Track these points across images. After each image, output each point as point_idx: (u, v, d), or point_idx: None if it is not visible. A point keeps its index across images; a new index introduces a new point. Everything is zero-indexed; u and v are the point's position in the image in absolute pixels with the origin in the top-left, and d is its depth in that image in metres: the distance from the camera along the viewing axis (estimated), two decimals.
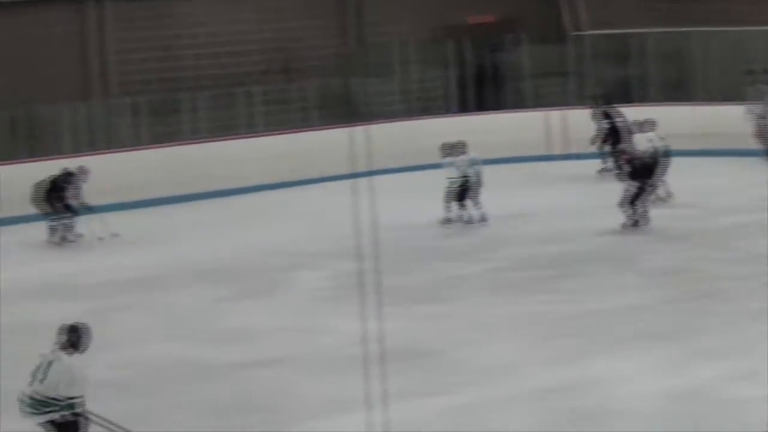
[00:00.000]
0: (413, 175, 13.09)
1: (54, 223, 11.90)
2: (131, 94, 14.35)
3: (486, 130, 14.68)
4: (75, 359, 5.96)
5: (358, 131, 6.76)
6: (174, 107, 14.09)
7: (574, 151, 14.99)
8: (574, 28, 17.02)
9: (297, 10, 16.23)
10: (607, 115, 14.32)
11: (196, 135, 13.73)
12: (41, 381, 5.89)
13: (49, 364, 5.93)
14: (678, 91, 16.30)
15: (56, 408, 5.94)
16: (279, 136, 14.36)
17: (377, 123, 12.31)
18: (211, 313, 9.51)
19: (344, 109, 13.53)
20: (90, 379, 6.11)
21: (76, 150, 13.41)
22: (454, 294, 9.64)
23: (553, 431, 6.06)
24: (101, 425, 5.99)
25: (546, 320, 8.62)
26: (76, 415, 5.95)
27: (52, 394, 5.94)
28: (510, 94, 16.89)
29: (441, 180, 12.68)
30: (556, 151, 15.30)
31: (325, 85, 15.41)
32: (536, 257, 10.78)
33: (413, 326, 8.27)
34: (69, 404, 5.90)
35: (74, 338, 6.04)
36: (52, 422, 5.94)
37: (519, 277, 10.16)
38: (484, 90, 16.95)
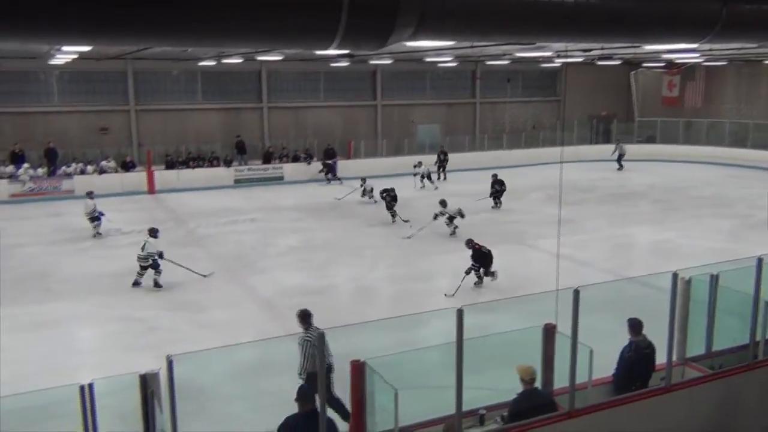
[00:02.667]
0: None
1: None
2: None
3: None
4: (152, 239, 13.40)
5: None
6: None
7: None
8: None
9: None
10: None
11: None
12: (142, 250, 13.33)
13: (144, 242, 13.45)
14: None
15: (148, 260, 13.22)
16: None
17: None
18: None
19: None
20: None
21: None
22: None
23: None
24: (175, 263, 13.49)
25: None
26: (155, 263, 13.18)
27: (145, 254, 13.23)
28: None
29: None
30: None
31: None
32: None
33: None
34: (154, 258, 13.21)
35: (153, 231, 13.69)
36: (144, 267, 13.29)
37: None
38: None
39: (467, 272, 12.86)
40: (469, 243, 13.26)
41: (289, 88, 30.46)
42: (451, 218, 17.52)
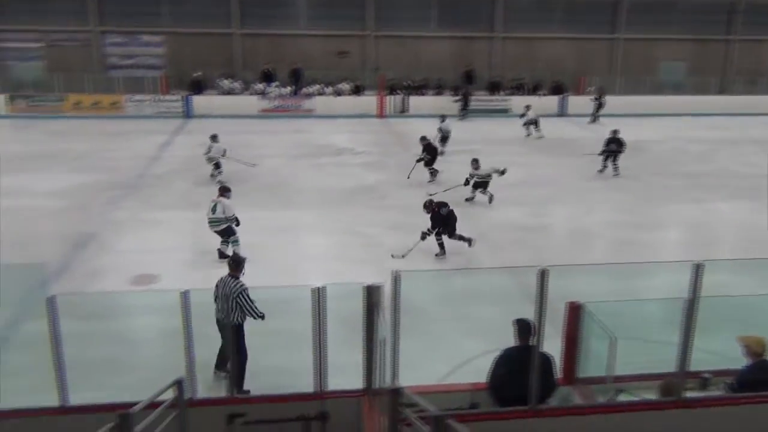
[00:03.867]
0: None
1: None
2: None
3: None
4: (226, 200, 10.62)
5: None
6: None
7: None
8: None
9: None
10: None
11: None
12: (213, 212, 10.64)
13: (215, 204, 10.62)
14: None
15: (219, 224, 10.60)
16: None
17: None
18: None
19: None
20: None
21: None
22: None
23: None
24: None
25: None
26: (229, 230, 10.61)
27: (216, 217, 10.54)
28: None
29: None
30: None
31: None
32: None
33: None
34: (226, 222, 10.57)
35: (225, 190, 10.94)
36: (217, 231, 10.67)
37: None
38: None
39: (422, 237, 11.09)
40: (428, 205, 11.35)
41: (524, 18, 29.44)
42: (482, 184, 14.57)
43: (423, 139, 16.61)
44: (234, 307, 6.82)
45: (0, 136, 21.84)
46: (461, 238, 11.33)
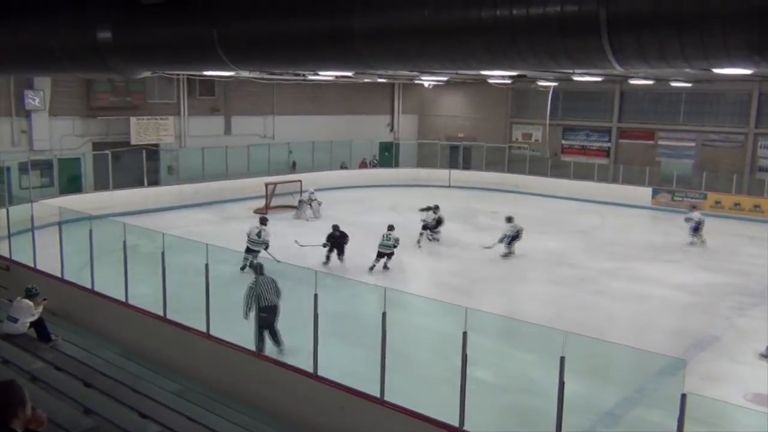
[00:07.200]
0: None
1: None
2: None
3: None
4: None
5: None
6: None
7: None
8: None
9: None
10: None
11: None
12: (258, 236, 14.39)
13: (259, 232, 14.32)
14: None
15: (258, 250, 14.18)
16: None
17: None
18: None
19: None
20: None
21: None
22: None
23: None
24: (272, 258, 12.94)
25: None
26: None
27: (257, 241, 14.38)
28: None
29: None
30: None
31: None
32: None
33: None
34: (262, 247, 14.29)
35: (264, 222, 14.92)
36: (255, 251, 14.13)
37: None
38: None
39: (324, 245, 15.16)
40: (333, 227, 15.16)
41: None
42: None
43: None
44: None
45: (641, 225, 23.64)
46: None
